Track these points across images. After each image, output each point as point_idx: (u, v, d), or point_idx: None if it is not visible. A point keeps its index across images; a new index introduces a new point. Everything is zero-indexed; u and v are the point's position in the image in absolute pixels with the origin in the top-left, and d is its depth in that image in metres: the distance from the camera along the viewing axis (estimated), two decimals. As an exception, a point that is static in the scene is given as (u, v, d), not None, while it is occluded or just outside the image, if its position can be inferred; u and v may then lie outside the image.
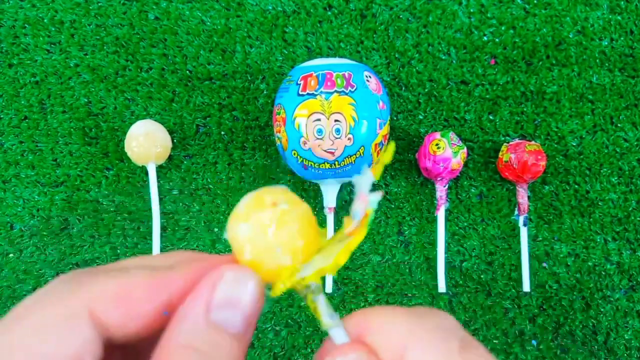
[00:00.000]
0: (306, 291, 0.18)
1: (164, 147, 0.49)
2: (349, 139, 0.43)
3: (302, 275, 0.18)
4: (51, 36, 0.52)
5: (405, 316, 0.17)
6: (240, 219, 0.18)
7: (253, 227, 0.18)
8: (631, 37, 0.51)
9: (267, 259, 0.18)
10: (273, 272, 0.18)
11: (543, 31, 0.51)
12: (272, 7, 0.52)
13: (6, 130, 0.52)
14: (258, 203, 0.18)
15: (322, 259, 0.18)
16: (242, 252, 0.18)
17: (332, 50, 0.52)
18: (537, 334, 0.49)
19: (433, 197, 0.50)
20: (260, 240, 0.17)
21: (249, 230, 0.18)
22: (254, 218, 0.18)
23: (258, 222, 0.18)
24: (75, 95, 0.52)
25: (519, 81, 0.51)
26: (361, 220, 0.18)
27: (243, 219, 0.18)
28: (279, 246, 0.17)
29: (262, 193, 0.18)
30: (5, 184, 0.52)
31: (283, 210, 0.18)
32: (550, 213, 0.50)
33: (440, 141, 0.46)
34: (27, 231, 0.51)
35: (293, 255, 0.18)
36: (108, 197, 0.51)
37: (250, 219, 0.18)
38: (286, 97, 0.44)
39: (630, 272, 0.49)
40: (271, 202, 0.18)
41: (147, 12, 0.52)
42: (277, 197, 0.18)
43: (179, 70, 0.52)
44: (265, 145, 0.51)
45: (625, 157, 0.50)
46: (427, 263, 0.50)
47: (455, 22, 0.51)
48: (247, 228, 0.18)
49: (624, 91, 0.50)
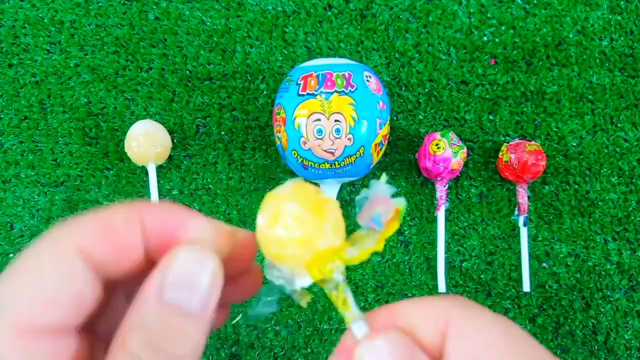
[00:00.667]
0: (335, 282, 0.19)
1: (164, 147, 0.49)
2: (349, 139, 0.43)
3: (350, 255, 0.18)
4: (51, 36, 0.52)
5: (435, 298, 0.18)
6: (287, 199, 0.18)
7: (302, 207, 0.18)
8: (631, 37, 0.51)
9: (315, 237, 0.18)
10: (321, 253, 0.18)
11: (543, 31, 0.51)
12: (272, 7, 0.52)
13: (6, 130, 0.52)
14: (303, 189, 0.19)
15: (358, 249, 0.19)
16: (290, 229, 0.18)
17: (332, 50, 0.52)
18: (537, 334, 0.49)
19: (433, 197, 0.50)
20: (310, 219, 0.18)
21: (298, 209, 0.18)
22: (302, 199, 0.18)
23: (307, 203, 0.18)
24: (75, 95, 0.52)
25: (519, 81, 0.51)
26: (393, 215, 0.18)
27: (291, 198, 0.18)
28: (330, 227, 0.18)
29: (302, 182, 0.19)
30: (5, 184, 0.52)
31: (326, 197, 0.19)
32: (550, 213, 0.50)
33: (440, 141, 0.46)
34: (27, 231, 0.51)
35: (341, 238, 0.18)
36: (108, 197, 0.51)
37: (299, 199, 0.18)
38: (286, 97, 0.44)
39: (630, 272, 0.49)
40: (314, 190, 0.19)
41: (147, 12, 0.52)
42: (317, 188, 0.19)
43: (179, 70, 0.52)
44: (265, 145, 0.51)
45: (625, 157, 0.50)
46: (427, 263, 0.50)
47: (455, 22, 0.51)
48: (297, 207, 0.18)
49: (624, 91, 0.50)
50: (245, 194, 0.51)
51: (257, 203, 0.50)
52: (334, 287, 0.19)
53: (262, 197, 0.20)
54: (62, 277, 0.16)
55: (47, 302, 0.16)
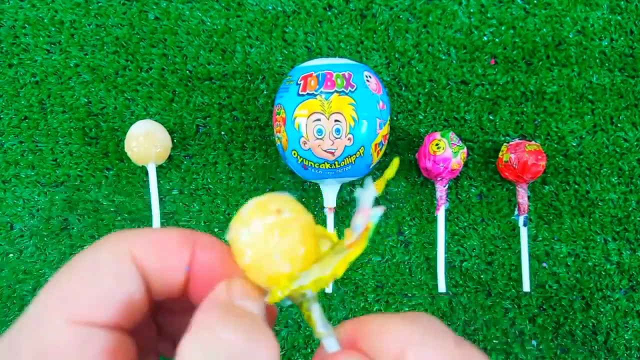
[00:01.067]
0: (302, 299, 0.19)
1: (164, 147, 0.49)
2: (349, 139, 0.43)
3: (299, 283, 0.18)
4: (51, 36, 0.52)
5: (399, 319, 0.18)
6: (242, 223, 0.18)
7: (254, 233, 0.18)
8: (631, 37, 0.51)
9: (266, 265, 0.18)
10: (271, 279, 0.18)
11: (543, 31, 0.51)
12: (272, 7, 0.52)
13: (6, 130, 0.52)
14: (262, 209, 0.18)
15: (320, 269, 0.18)
16: (242, 255, 0.18)
17: (332, 50, 0.52)
18: (537, 334, 0.49)
19: (433, 197, 0.50)
20: (261, 246, 0.18)
21: (250, 235, 0.18)
22: (256, 223, 0.18)
23: (260, 228, 0.18)
24: (75, 95, 0.52)
25: (519, 81, 0.51)
26: (361, 234, 0.18)
27: (245, 223, 0.18)
28: (278, 253, 0.18)
29: (267, 199, 0.19)
30: (5, 184, 0.52)
31: (286, 218, 0.18)
32: (550, 213, 0.50)
33: (440, 141, 0.46)
34: (27, 231, 0.51)
35: (292, 263, 0.18)
36: (108, 197, 0.51)
37: (253, 224, 0.18)
38: (286, 97, 0.44)
39: (630, 272, 0.49)
40: (275, 209, 0.18)
41: (147, 12, 0.52)
42: (281, 205, 0.18)
43: (179, 70, 0.52)
44: (265, 145, 0.51)
45: (625, 157, 0.50)
46: (427, 263, 0.50)
47: (455, 22, 0.51)
48: (249, 233, 0.18)
49: (624, 91, 0.50)
50: (245, 194, 0.51)
51: (257, 203, 0.50)
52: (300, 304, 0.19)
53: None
54: (117, 277, 0.17)
55: (102, 298, 0.16)
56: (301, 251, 0.18)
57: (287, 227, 0.18)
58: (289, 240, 0.18)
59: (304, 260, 0.18)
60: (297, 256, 0.18)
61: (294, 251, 0.18)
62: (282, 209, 0.18)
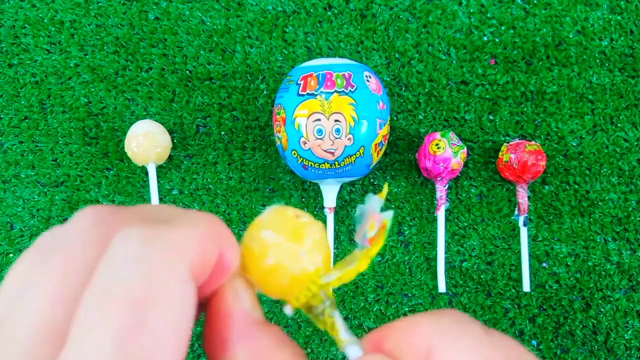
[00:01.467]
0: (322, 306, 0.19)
1: (164, 147, 0.49)
2: (349, 139, 0.43)
3: (326, 280, 0.18)
4: (51, 36, 0.52)
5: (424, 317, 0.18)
6: (264, 227, 0.18)
7: (278, 233, 0.18)
8: (631, 37, 0.51)
9: (291, 265, 0.18)
10: (295, 279, 0.18)
11: (543, 31, 0.51)
12: (272, 7, 0.52)
13: (6, 130, 0.52)
14: (281, 214, 0.19)
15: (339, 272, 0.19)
16: (264, 258, 0.18)
17: (332, 50, 0.52)
18: (537, 334, 0.49)
19: (433, 197, 0.50)
20: (285, 245, 0.18)
21: (274, 235, 0.18)
22: (279, 225, 0.18)
23: (283, 228, 0.18)
24: (75, 95, 0.52)
25: (519, 81, 0.51)
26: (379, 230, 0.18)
27: (267, 226, 0.18)
28: (304, 251, 0.18)
29: (283, 207, 0.19)
30: (5, 184, 0.52)
31: (305, 222, 0.19)
32: (550, 213, 0.50)
33: (440, 141, 0.46)
34: (27, 231, 0.51)
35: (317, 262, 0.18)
36: (108, 197, 0.51)
37: (275, 225, 0.18)
38: (286, 97, 0.44)
39: (630, 272, 0.49)
40: (294, 214, 0.19)
41: (147, 12, 0.52)
42: (297, 212, 0.19)
43: (179, 70, 0.52)
44: (265, 145, 0.51)
45: (625, 157, 0.50)
46: (427, 263, 0.50)
47: (455, 22, 0.51)
48: (272, 234, 0.18)
49: (624, 91, 0.50)
50: (245, 194, 0.51)
51: (257, 203, 0.50)
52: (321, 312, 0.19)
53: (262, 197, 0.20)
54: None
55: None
56: (322, 253, 0.18)
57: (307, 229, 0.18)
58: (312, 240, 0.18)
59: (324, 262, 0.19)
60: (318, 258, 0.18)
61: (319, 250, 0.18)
62: (300, 215, 0.19)
